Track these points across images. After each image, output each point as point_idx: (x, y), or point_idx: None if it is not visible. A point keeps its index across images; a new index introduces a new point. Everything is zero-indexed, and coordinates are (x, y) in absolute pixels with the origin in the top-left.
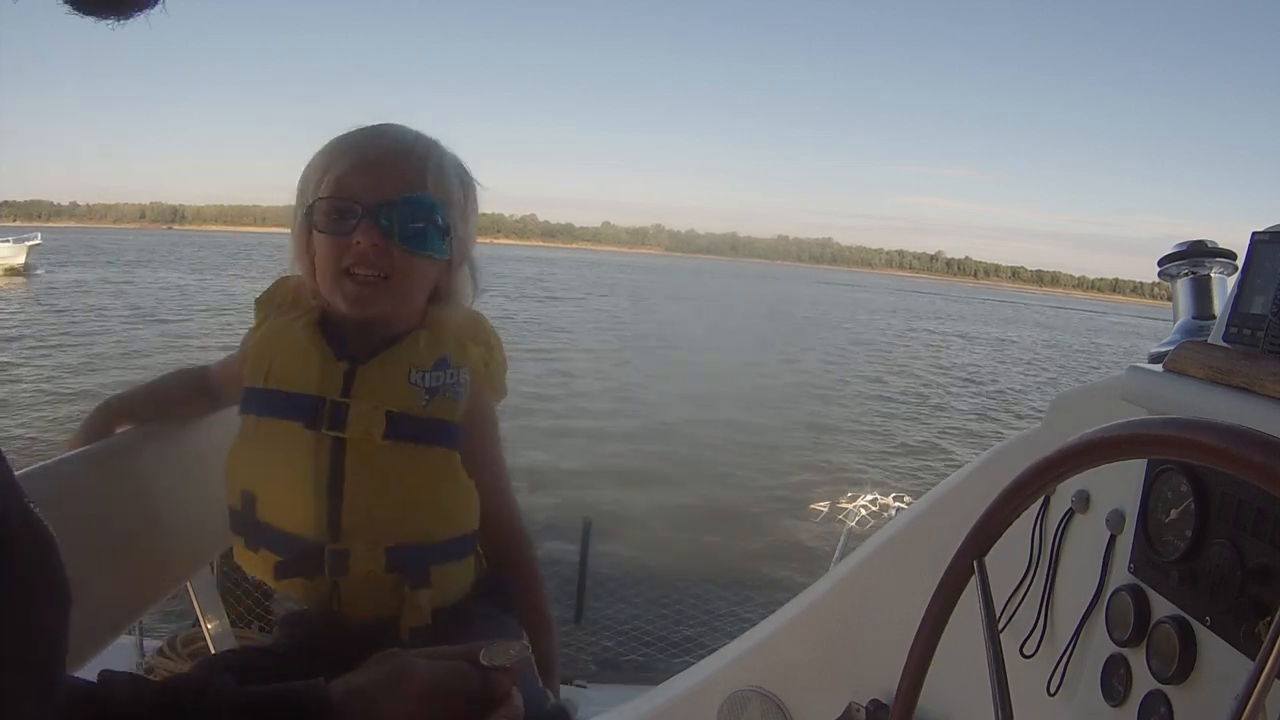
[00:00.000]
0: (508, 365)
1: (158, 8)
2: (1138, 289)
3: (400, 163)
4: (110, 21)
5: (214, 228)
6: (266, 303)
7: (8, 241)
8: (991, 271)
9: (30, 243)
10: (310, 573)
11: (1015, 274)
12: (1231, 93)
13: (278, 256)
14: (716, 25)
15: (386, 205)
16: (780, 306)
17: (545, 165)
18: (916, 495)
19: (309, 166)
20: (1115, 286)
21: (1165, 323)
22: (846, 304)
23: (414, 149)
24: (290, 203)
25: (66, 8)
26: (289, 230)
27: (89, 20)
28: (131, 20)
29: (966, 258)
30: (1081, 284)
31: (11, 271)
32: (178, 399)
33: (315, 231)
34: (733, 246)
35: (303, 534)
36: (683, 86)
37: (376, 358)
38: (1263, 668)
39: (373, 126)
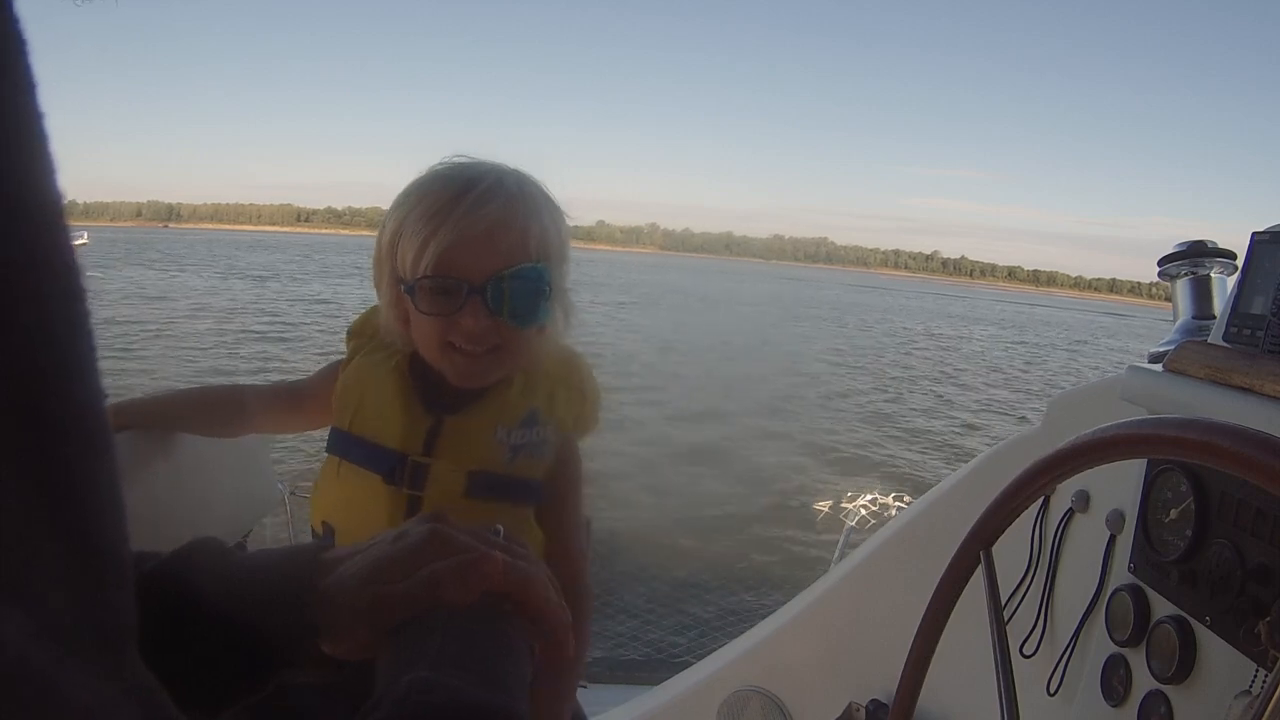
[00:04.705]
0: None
1: None
2: (1135, 289)
3: (505, 234)
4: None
5: (209, 226)
6: (359, 333)
7: None
8: (987, 271)
9: (77, 242)
10: None
11: (1011, 274)
12: (1232, 93)
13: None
14: (716, 25)
15: (494, 282)
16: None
17: (541, 165)
18: (916, 495)
19: (400, 225)
20: (1112, 286)
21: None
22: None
23: (517, 213)
24: (286, 201)
25: None
26: (284, 228)
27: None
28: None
29: (963, 257)
30: (1078, 284)
31: None
32: (200, 417)
33: (417, 312)
34: (727, 246)
35: None
36: (682, 86)
37: (464, 411)
38: None
39: (465, 179)
